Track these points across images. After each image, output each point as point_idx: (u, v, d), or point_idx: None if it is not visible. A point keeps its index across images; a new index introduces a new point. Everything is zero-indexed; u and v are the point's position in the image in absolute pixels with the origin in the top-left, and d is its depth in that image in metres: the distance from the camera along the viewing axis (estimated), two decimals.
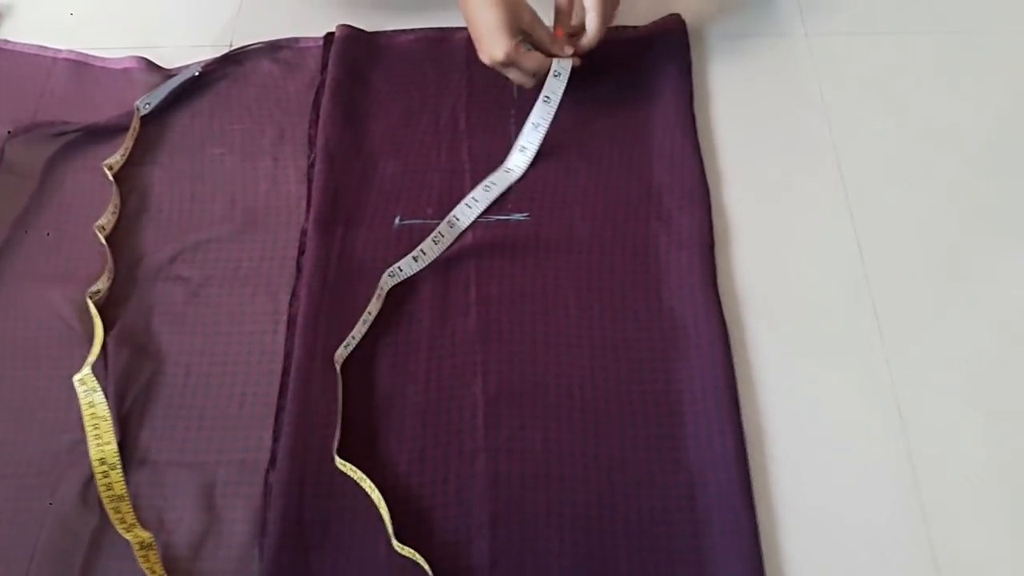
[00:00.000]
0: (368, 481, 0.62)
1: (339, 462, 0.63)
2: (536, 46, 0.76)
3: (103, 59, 0.89)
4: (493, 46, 0.72)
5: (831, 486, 0.63)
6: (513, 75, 0.76)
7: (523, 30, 0.73)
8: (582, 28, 0.76)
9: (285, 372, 0.68)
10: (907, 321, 0.70)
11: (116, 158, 0.80)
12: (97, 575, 0.60)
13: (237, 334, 0.71)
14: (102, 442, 0.65)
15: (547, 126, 0.77)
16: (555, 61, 0.76)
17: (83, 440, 0.65)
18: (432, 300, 0.72)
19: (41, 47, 0.89)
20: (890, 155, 0.79)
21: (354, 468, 0.62)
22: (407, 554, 0.60)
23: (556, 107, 0.76)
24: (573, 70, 0.76)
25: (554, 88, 0.76)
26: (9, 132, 0.81)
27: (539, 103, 0.76)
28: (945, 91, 0.83)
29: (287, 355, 0.69)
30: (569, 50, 0.76)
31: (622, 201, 0.76)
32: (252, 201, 0.78)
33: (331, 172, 0.78)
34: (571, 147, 0.80)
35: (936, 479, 0.63)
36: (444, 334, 0.70)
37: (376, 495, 0.62)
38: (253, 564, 0.60)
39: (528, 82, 0.77)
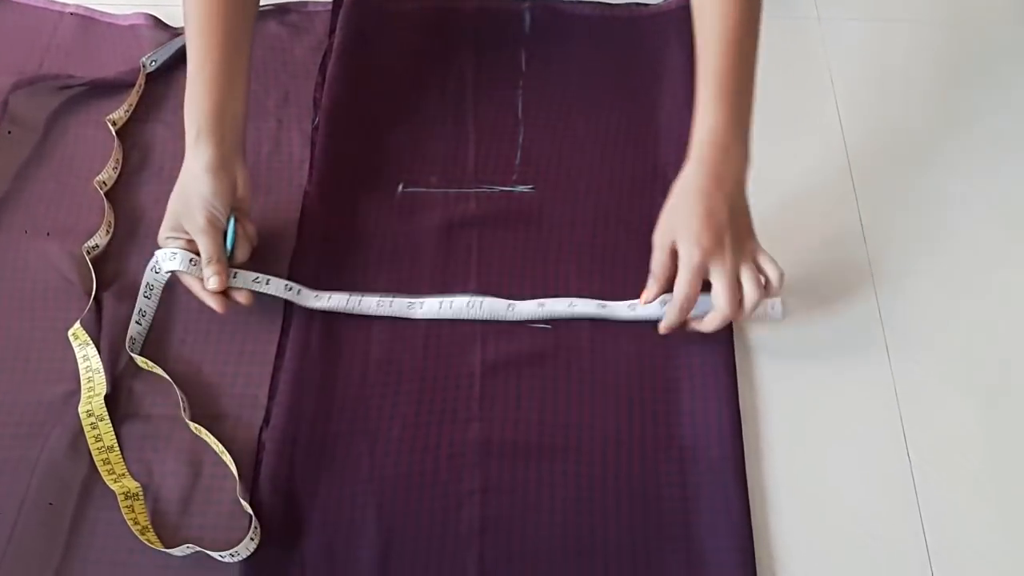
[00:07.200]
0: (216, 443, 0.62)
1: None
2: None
3: (110, 15, 0.88)
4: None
5: (825, 469, 0.63)
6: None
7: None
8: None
9: (283, 332, 0.68)
10: (908, 308, 0.70)
11: (120, 113, 0.79)
12: (87, 525, 0.61)
13: None
14: (94, 394, 0.64)
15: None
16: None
17: (77, 391, 0.65)
18: (432, 268, 0.71)
19: (48, 0, 0.89)
20: (898, 141, 0.79)
21: (199, 428, 0.62)
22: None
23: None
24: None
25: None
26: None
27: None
28: (954, 80, 0.83)
29: (286, 316, 0.69)
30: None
31: (627, 177, 0.76)
32: (255, 162, 0.77)
33: (335, 137, 0.78)
34: (578, 122, 0.79)
35: (930, 462, 0.63)
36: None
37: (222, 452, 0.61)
38: (242, 520, 0.60)
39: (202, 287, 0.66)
